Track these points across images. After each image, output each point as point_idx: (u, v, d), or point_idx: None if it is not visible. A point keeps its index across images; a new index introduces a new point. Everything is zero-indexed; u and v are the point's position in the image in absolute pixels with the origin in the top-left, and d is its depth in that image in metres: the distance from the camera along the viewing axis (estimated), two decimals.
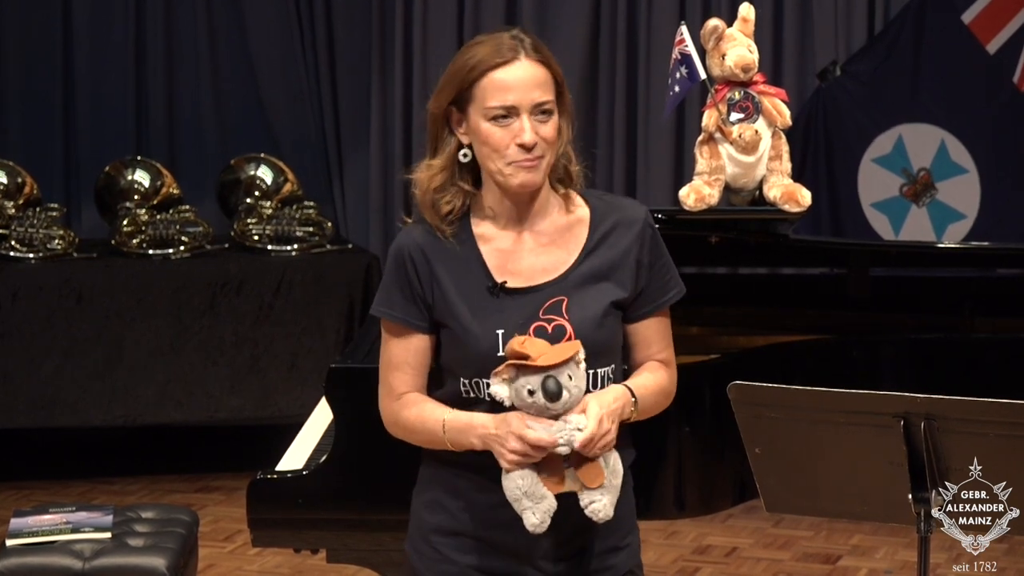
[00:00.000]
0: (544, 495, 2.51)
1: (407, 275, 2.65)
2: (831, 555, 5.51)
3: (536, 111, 2.59)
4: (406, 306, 2.66)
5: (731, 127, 3.67)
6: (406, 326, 2.66)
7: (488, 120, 2.59)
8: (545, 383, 2.49)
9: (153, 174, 6.72)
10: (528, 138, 2.57)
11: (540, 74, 2.61)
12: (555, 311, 2.60)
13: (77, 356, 6.17)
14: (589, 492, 2.53)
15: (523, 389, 2.50)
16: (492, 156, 2.60)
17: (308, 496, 3.52)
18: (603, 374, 2.63)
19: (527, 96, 2.58)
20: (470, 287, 2.63)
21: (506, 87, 2.58)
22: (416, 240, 2.66)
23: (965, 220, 6.37)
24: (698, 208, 3.67)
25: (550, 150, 2.61)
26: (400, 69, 7.12)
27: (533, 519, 2.50)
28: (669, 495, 3.59)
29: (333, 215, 7.15)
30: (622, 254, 2.66)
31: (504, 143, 2.58)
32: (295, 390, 6.25)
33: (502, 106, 2.57)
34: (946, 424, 2.68)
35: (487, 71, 2.59)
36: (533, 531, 2.51)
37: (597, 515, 2.54)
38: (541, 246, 2.66)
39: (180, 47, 7.35)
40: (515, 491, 2.51)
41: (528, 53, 2.60)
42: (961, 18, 6.28)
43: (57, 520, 4.15)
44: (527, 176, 2.59)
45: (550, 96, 2.61)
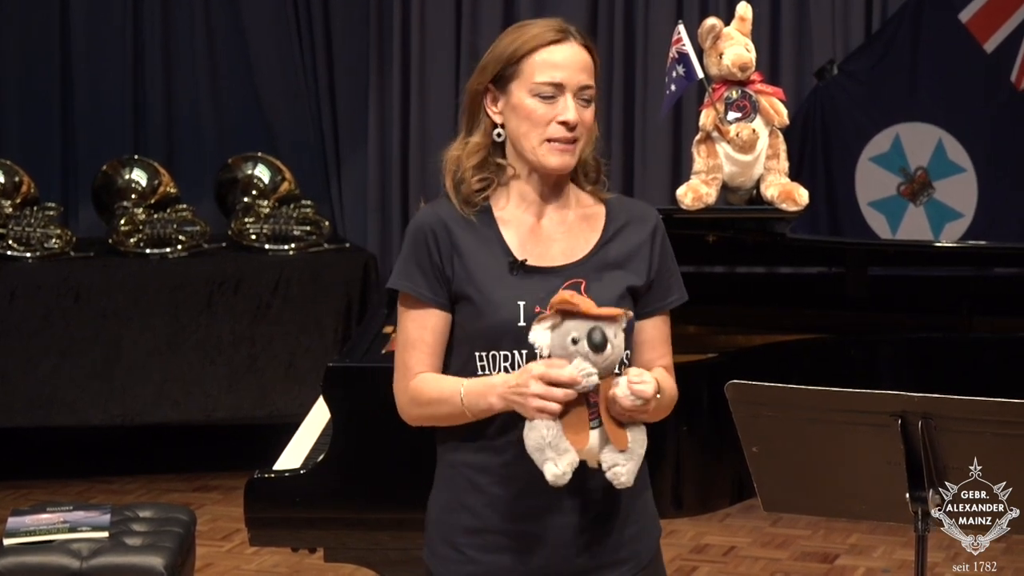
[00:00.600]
0: (567, 448, 2.46)
1: (427, 249, 2.66)
2: (829, 554, 5.52)
3: (580, 94, 2.63)
4: (425, 280, 2.66)
5: (728, 126, 3.67)
6: (423, 300, 2.66)
7: (533, 96, 2.62)
8: (592, 333, 2.47)
9: (150, 173, 6.72)
10: (572, 116, 2.60)
11: (587, 60, 2.65)
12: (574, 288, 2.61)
13: (75, 355, 6.17)
14: (613, 455, 2.50)
15: (567, 336, 2.47)
16: (531, 133, 2.63)
17: (306, 495, 3.52)
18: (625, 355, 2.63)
19: (575, 77, 2.62)
20: (491, 262, 2.64)
21: (555, 65, 2.62)
22: (438, 215, 2.67)
23: (962, 219, 6.37)
24: (695, 207, 3.67)
25: (585, 136, 2.65)
26: (398, 69, 7.12)
27: (555, 469, 2.45)
28: (667, 494, 3.59)
29: (331, 214, 7.15)
30: (636, 246, 2.69)
31: (546, 119, 2.61)
32: (293, 389, 6.25)
33: (550, 82, 2.61)
34: (943, 423, 2.68)
35: (538, 47, 2.63)
36: (554, 481, 2.46)
37: (619, 478, 2.50)
38: (559, 232, 2.68)
39: (178, 46, 7.35)
40: (539, 440, 2.46)
41: (577, 38, 2.65)
42: (958, 17, 6.29)
43: (55, 519, 4.15)
44: (561, 158, 2.63)
45: (593, 83, 2.65)
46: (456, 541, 2.68)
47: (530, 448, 2.48)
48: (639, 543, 2.72)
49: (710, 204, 3.70)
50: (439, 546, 2.70)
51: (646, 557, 2.73)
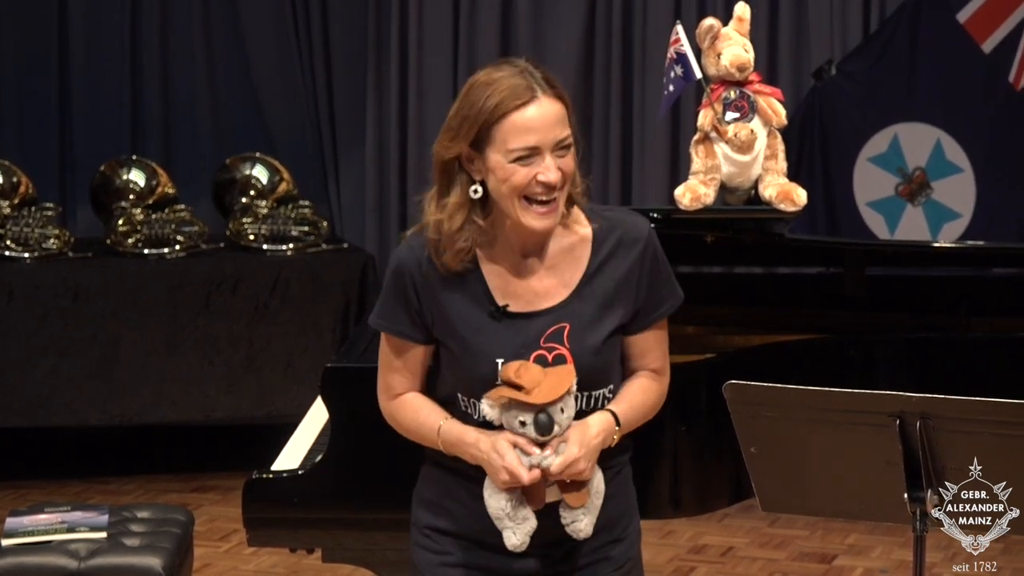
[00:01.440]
0: (527, 516, 2.56)
1: (406, 292, 2.65)
2: (827, 554, 5.52)
3: (558, 147, 2.58)
4: (405, 321, 2.66)
5: (727, 126, 3.66)
6: (405, 339, 2.68)
7: (511, 160, 2.56)
8: (537, 418, 2.53)
9: (148, 173, 6.72)
10: (553, 177, 2.56)
11: (558, 110, 2.58)
12: (556, 339, 2.61)
13: (73, 355, 6.17)
14: (571, 512, 2.59)
15: (515, 420, 2.54)
16: (511, 195, 2.58)
17: (304, 496, 3.51)
18: (599, 396, 2.65)
19: (549, 135, 2.57)
20: (471, 309, 2.63)
21: (528, 128, 2.55)
22: (417, 258, 2.65)
23: (961, 219, 6.37)
24: (694, 207, 3.67)
25: (568, 182, 2.61)
26: (396, 69, 7.11)
27: (514, 539, 2.56)
28: (665, 494, 3.59)
29: (329, 214, 7.14)
30: (624, 276, 2.66)
31: (526, 180, 2.56)
32: (291, 390, 6.25)
33: (525, 147, 2.55)
34: (942, 423, 2.68)
35: (507, 113, 2.56)
36: (514, 550, 2.58)
37: (578, 534, 2.60)
38: (543, 269, 2.65)
39: (176, 46, 7.34)
40: (498, 511, 2.57)
41: (544, 90, 2.57)
42: (956, 17, 6.28)
43: (53, 520, 4.14)
44: (544, 221, 2.59)
45: (568, 131, 2.60)
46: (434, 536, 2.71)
47: (490, 513, 2.58)
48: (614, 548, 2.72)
49: (708, 204, 3.69)
50: (418, 535, 2.74)
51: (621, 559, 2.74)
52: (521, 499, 2.55)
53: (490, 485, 2.57)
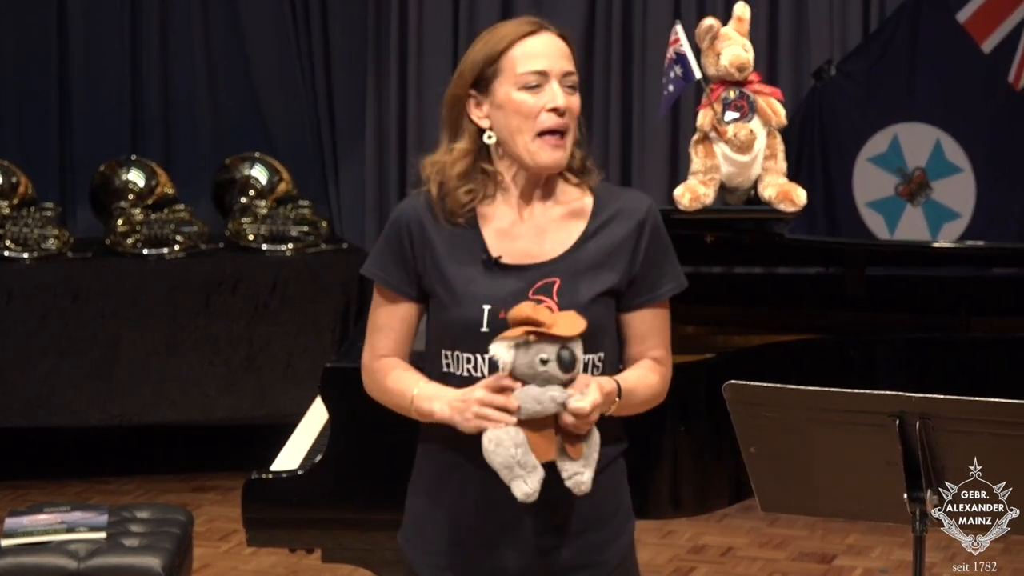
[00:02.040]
0: (535, 465, 2.47)
1: (400, 242, 2.67)
2: (827, 554, 5.52)
3: (565, 80, 2.62)
4: (396, 271, 2.68)
5: (726, 126, 3.66)
6: (394, 291, 2.68)
7: (519, 89, 2.60)
8: (560, 353, 2.46)
9: (148, 174, 6.72)
10: (561, 101, 2.59)
11: (565, 48, 2.65)
12: (545, 292, 2.60)
13: (72, 356, 6.17)
14: (572, 464, 2.51)
15: (535, 358, 2.46)
16: (523, 127, 2.60)
17: (303, 496, 3.51)
18: (590, 360, 2.61)
19: (557, 63, 2.62)
20: (464, 258, 2.63)
21: (536, 54, 2.62)
22: (417, 209, 2.68)
23: (960, 219, 6.37)
24: (693, 207, 3.67)
25: (573, 125, 2.63)
26: (396, 68, 7.12)
27: (526, 487, 2.47)
28: (665, 494, 3.59)
29: (328, 214, 7.14)
30: (620, 241, 2.65)
31: (536, 109, 2.59)
32: (290, 390, 6.24)
33: (535, 71, 2.60)
34: (941, 423, 2.68)
35: (515, 41, 2.63)
36: (525, 499, 2.47)
37: (580, 487, 2.51)
38: (540, 228, 2.66)
39: (175, 46, 7.34)
40: (508, 458, 2.46)
41: (552, 30, 2.67)
42: (956, 17, 6.29)
43: (52, 520, 4.14)
44: (554, 154, 2.61)
45: (575, 71, 2.65)
46: (426, 530, 2.69)
47: (497, 465, 2.49)
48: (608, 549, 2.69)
49: (708, 204, 3.69)
50: (410, 530, 2.72)
51: (615, 559, 2.71)
52: (527, 448, 2.47)
53: (493, 437, 2.48)
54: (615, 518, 2.71)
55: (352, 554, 3.57)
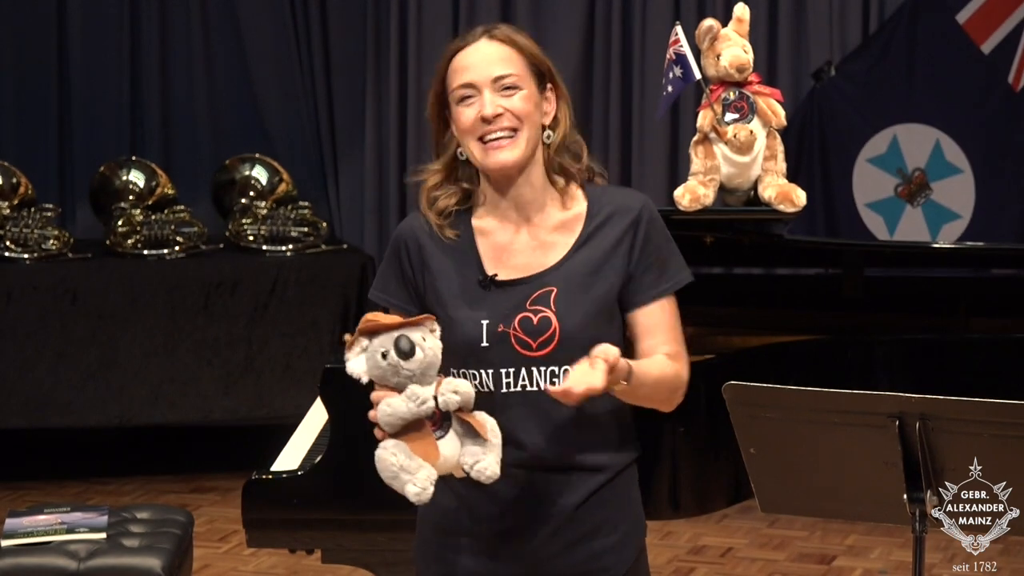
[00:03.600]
0: (420, 464, 2.42)
1: (400, 261, 2.69)
2: (826, 555, 5.52)
3: (497, 86, 2.60)
4: (399, 291, 2.69)
5: (726, 127, 3.66)
6: (397, 311, 2.67)
7: (457, 103, 2.62)
8: (398, 341, 2.44)
9: (148, 174, 6.72)
10: (488, 110, 2.58)
11: (501, 52, 2.62)
12: (542, 302, 2.59)
13: (72, 356, 6.17)
14: (472, 454, 2.45)
15: (376, 353, 2.44)
16: (465, 139, 2.62)
17: (303, 496, 3.51)
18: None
19: (484, 71, 2.60)
20: (461, 279, 2.64)
21: (464, 67, 2.61)
22: (414, 228, 2.69)
23: (960, 220, 6.38)
24: (693, 208, 3.66)
25: (526, 124, 2.61)
26: (395, 69, 7.12)
27: (414, 488, 2.42)
28: (664, 495, 3.58)
29: (328, 215, 7.15)
30: (614, 243, 2.64)
31: (470, 120, 2.60)
32: (290, 390, 6.25)
33: (462, 84, 2.60)
34: (941, 424, 2.67)
35: (451, 58, 2.64)
36: (417, 500, 2.43)
37: (484, 474, 2.45)
38: (538, 242, 2.65)
39: (175, 47, 7.35)
40: (391, 468, 2.42)
41: (492, 36, 2.64)
42: (955, 18, 6.29)
43: (52, 521, 4.14)
44: (497, 155, 2.60)
45: (513, 70, 2.61)
46: (432, 540, 2.70)
47: (387, 480, 2.44)
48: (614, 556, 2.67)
49: (707, 205, 3.69)
50: (419, 541, 2.73)
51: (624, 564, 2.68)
52: (408, 452, 2.42)
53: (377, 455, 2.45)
54: (621, 527, 2.68)
55: (352, 555, 3.57)
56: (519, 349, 2.58)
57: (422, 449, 2.44)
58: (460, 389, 2.45)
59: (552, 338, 2.58)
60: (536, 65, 2.65)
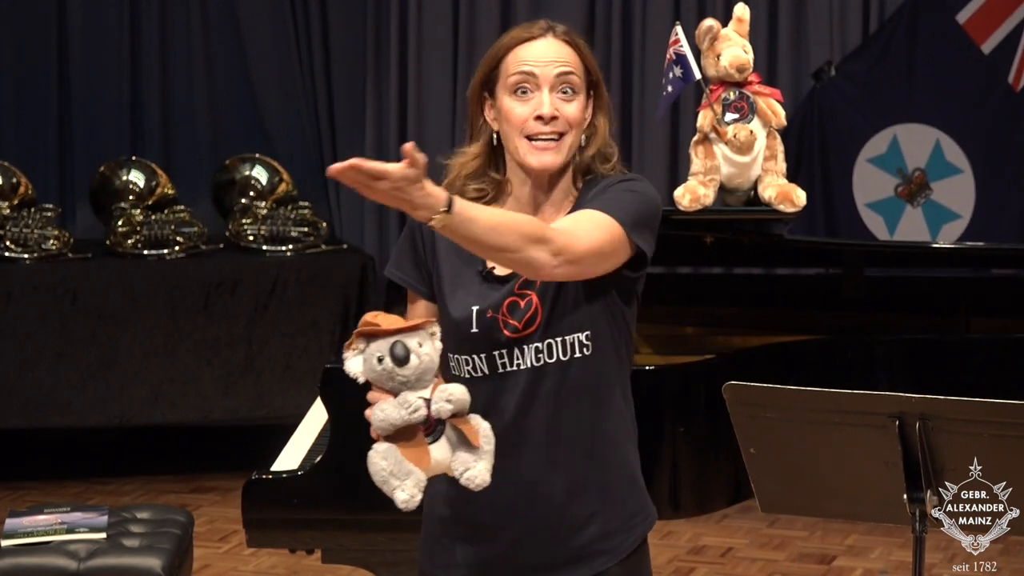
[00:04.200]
0: (410, 470, 2.41)
1: (414, 241, 2.70)
2: (826, 555, 5.52)
3: (558, 86, 2.59)
4: (412, 270, 2.71)
5: (726, 127, 3.67)
6: (411, 288, 2.72)
7: (510, 94, 2.60)
8: (393, 347, 2.41)
9: (148, 174, 6.72)
10: (546, 110, 2.57)
11: (565, 52, 2.62)
12: (528, 285, 2.60)
13: (71, 356, 6.17)
14: (463, 460, 2.43)
15: (372, 357, 2.43)
16: (512, 133, 2.60)
17: (303, 496, 3.51)
18: (572, 340, 2.59)
19: (548, 68, 2.59)
20: (464, 268, 2.65)
21: (528, 58, 2.60)
22: None
23: (960, 220, 6.38)
24: (693, 208, 3.67)
25: (573, 131, 2.61)
26: (395, 68, 7.12)
27: (403, 495, 2.40)
28: (664, 495, 3.59)
29: (328, 215, 7.14)
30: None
31: (523, 117, 2.58)
32: (290, 390, 6.25)
33: (522, 73, 2.59)
34: (941, 424, 2.68)
35: (514, 46, 2.62)
36: (404, 507, 2.41)
37: (474, 482, 2.43)
38: None
39: (175, 47, 7.34)
40: (381, 472, 2.42)
41: (556, 34, 2.64)
42: (955, 18, 6.29)
43: (52, 520, 4.14)
44: (540, 157, 2.59)
45: (576, 75, 2.61)
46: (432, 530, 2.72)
47: (377, 484, 2.44)
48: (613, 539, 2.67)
49: (707, 205, 3.69)
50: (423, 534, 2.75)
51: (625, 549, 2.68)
52: (399, 457, 2.41)
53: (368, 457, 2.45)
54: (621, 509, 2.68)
55: (352, 555, 3.57)
56: (506, 332, 2.59)
57: (413, 454, 2.43)
58: (454, 397, 2.43)
59: (535, 317, 2.59)
60: (590, 72, 2.64)
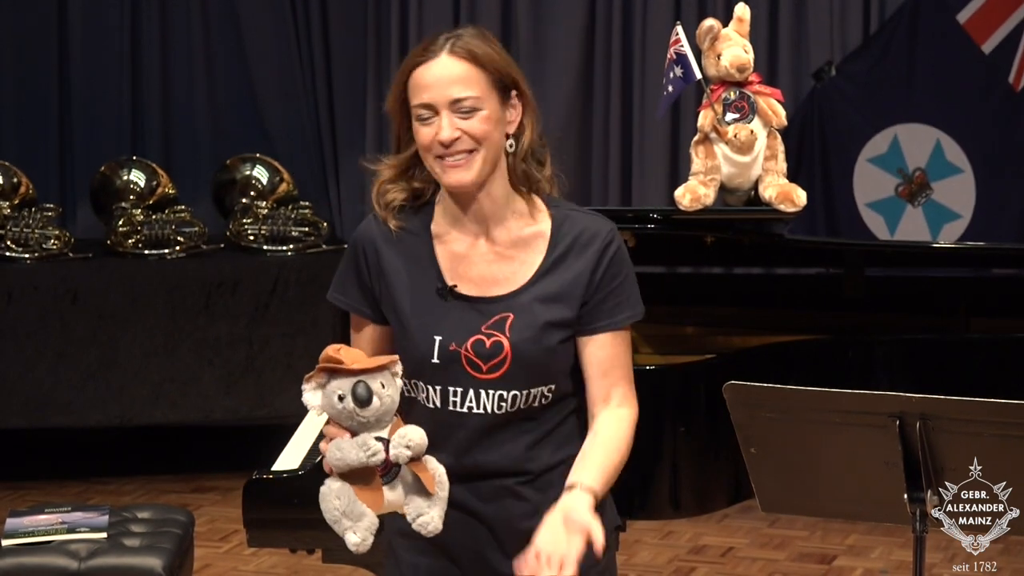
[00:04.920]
0: (363, 512, 2.41)
1: (358, 264, 2.64)
2: (827, 555, 5.52)
3: (455, 108, 2.52)
4: (356, 294, 2.65)
5: (726, 127, 3.67)
6: (355, 314, 2.66)
7: (416, 119, 2.55)
8: (355, 388, 2.38)
9: (148, 174, 6.72)
10: (445, 135, 2.51)
11: (461, 70, 2.52)
12: (498, 327, 2.54)
13: (72, 356, 6.17)
14: (416, 505, 2.43)
15: (333, 395, 2.40)
16: (424, 155, 2.56)
17: (304, 496, 3.50)
18: (536, 394, 2.55)
19: (443, 93, 2.51)
20: (418, 285, 2.59)
21: (424, 85, 2.53)
22: (371, 231, 2.65)
23: (960, 220, 6.37)
24: (693, 208, 3.67)
25: (484, 145, 2.53)
26: (396, 68, 7.07)
27: (354, 538, 2.41)
28: (664, 495, 3.59)
29: (328, 215, 7.14)
30: (576, 275, 2.57)
31: (428, 139, 2.53)
32: (290, 390, 6.21)
33: (421, 104, 2.53)
34: (941, 424, 2.68)
35: (411, 70, 2.56)
36: (355, 550, 2.41)
37: (426, 528, 2.44)
38: (496, 255, 2.59)
39: (175, 46, 7.34)
40: (333, 512, 2.42)
41: (452, 50, 2.53)
42: (956, 18, 6.29)
43: (53, 520, 4.15)
44: (455, 174, 2.53)
45: (473, 92, 2.52)
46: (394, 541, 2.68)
47: (329, 522, 2.42)
48: None
49: (708, 205, 3.70)
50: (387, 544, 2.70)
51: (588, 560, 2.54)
52: (353, 498, 2.40)
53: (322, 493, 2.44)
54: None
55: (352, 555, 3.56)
56: (469, 370, 2.54)
57: (367, 495, 2.41)
58: (412, 443, 2.40)
59: (503, 363, 2.53)
60: (500, 78, 2.56)
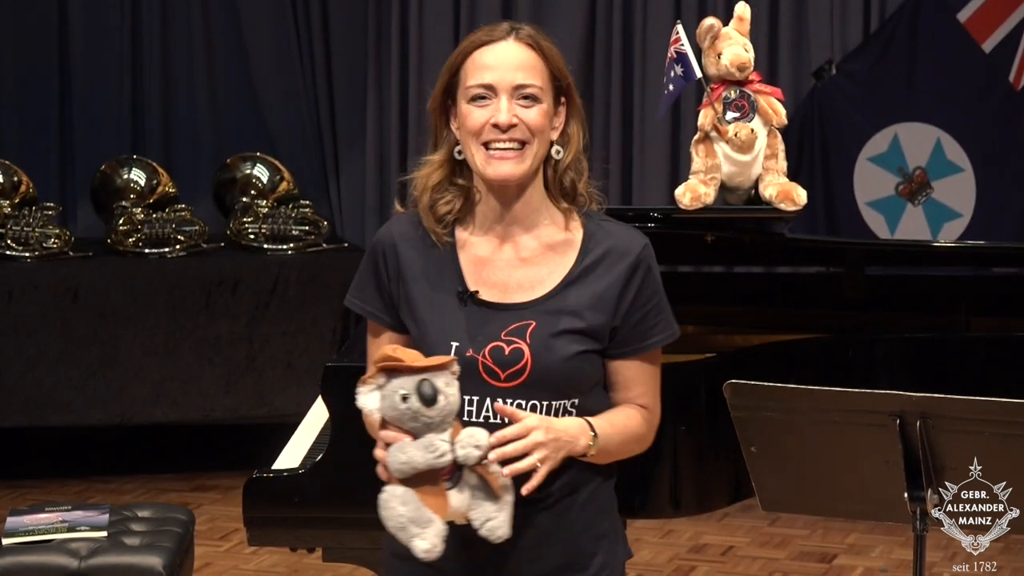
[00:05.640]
0: (431, 518, 2.32)
1: (377, 268, 2.58)
2: (827, 554, 5.52)
3: (517, 94, 2.47)
4: (374, 299, 2.59)
5: (727, 126, 3.67)
6: (374, 320, 2.60)
7: (468, 101, 2.48)
8: (420, 386, 2.30)
9: (149, 173, 6.72)
10: (503, 117, 2.44)
11: (527, 58, 2.48)
12: (518, 334, 2.47)
13: (72, 355, 6.17)
14: (483, 510, 2.34)
15: (395, 394, 2.32)
16: (470, 141, 2.48)
17: (304, 495, 3.51)
18: (559, 407, 2.48)
19: (506, 76, 2.46)
20: (438, 290, 2.52)
21: (486, 66, 2.47)
22: (392, 233, 2.58)
23: (961, 219, 6.38)
24: (694, 207, 3.67)
25: (536, 140, 2.48)
26: (396, 67, 7.12)
27: (424, 544, 2.31)
28: (665, 494, 3.59)
29: (329, 214, 7.15)
30: (605, 288, 2.50)
31: (480, 122, 2.46)
32: (291, 389, 6.25)
33: (480, 84, 2.46)
34: (942, 423, 2.68)
35: (472, 51, 2.49)
36: (426, 557, 2.32)
37: (495, 533, 2.35)
38: (521, 260, 2.53)
39: (176, 45, 7.34)
40: (398, 519, 2.33)
41: (519, 37, 2.49)
42: (956, 17, 6.29)
43: (53, 519, 4.15)
44: (499, 167, 2.47)
45: (536, 81, 2.47)
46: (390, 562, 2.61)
47: (392, 530, 2.34)
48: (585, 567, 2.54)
49: (708, 204, 3.69)
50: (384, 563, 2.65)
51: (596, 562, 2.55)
52: (418, 504, 2.32)
53: (381, 501, 2.36)
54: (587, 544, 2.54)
55: (353, 553, 3.57)
56: (486, 377, 2.46)
57: (433, 500, 2.33)
58: (481, 444, 2.33)
59: (522, 371, 2.46)
60: (557, 77, 2.51)
